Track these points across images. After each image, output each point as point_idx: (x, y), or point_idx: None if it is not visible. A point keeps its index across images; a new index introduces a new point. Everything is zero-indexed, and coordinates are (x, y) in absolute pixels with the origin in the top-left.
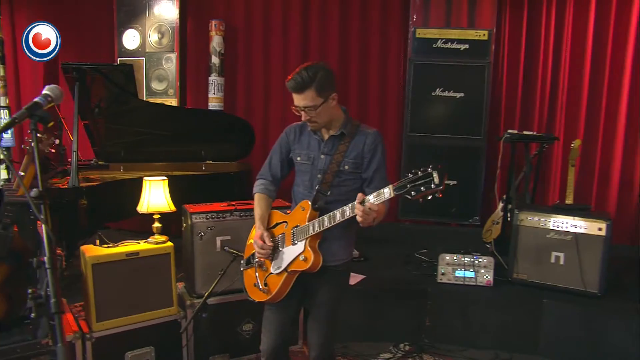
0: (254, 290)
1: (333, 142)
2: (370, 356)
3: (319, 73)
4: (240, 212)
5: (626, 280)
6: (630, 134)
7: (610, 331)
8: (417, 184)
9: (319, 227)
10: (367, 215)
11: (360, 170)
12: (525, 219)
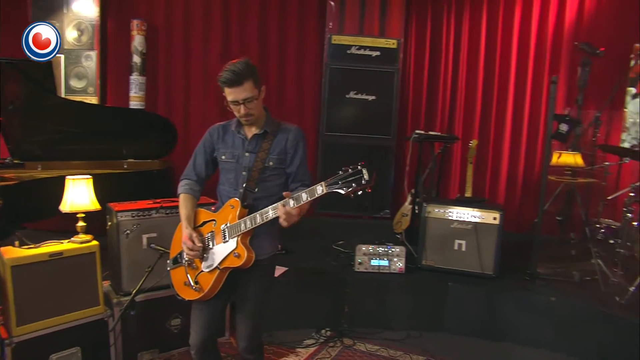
0: (184, 289)
1: (257, 140)
2: (295, 343)
3: (251, 66)
4: (166, 209)
5: (515, 262)
6: (515, 134)
7: (503, 306)
8: (348, 180)
9: (251, 224)
10: (290, 216)
11: (284, 165)
12: (432, 211)
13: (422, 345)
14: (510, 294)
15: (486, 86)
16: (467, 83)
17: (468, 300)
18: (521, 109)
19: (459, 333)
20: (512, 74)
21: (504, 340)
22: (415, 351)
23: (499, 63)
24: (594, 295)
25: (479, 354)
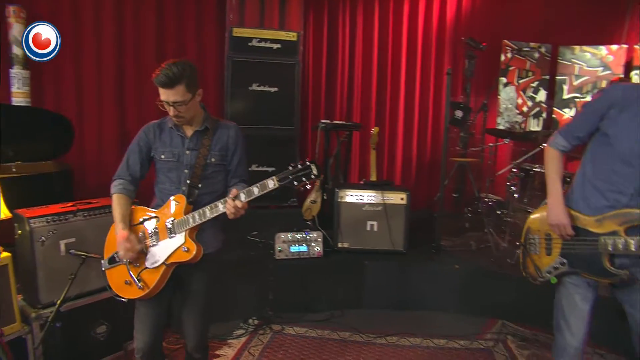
0: (124, 288)
1: (197, 138)
2: (225, 335)
3: (187, 69)
4: (83, 212)
5: (420, 237)
6: (408, 120)
7: (415, 278)
8: (298, 175)
9: (200, 218)
10: (238, 210)
11: (225, 162)
12: (344, 195)
13: (346, 322)
14: (420, 266)
15: (380, 76)
16: (363, 74)
17: (383, 276)
18: (412, 97)
19: (378, 307)
20: (403, 65)
21: (418, 309)
22: (340, 328)
23: (391, 55)
24: (489, 259)
25: (398, 324)
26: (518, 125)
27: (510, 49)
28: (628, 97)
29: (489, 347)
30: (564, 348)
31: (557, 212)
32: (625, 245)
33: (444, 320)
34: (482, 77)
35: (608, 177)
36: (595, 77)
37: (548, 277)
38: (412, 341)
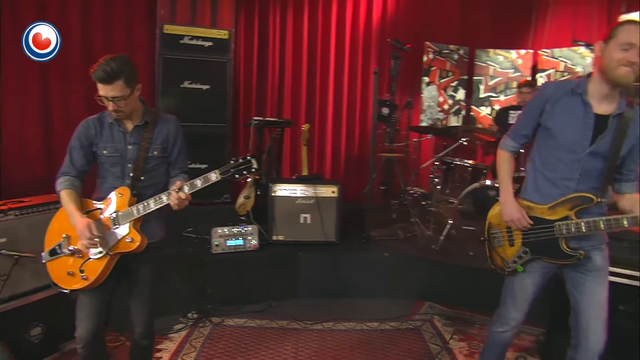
0: (66, 279)
1: (138, 132)
2: (165, 330)
3: (125, 65)
4: (15, 211)
5: (351, 229)
6: (337, 117)
7: (347, 267)
8: (240, 168)
9: (144, 210)
10: (182, 202)
11: (166, 154)
12: (278, 190)
13: (283, 312)
14: (352, 256)
15: (310, 74)
16: (293, 72)
17: (317, 266)
18: (340, 95)
19: (313, 296)
20: (332, 64)
21: (351, 296)
22: (278, 317)
23: (320, 54)
24: (416, 247)
25: (333, 310)
26: (440, 122)
27: (432, 50)
28: (558, 92)
29: (418, 327)
30: (507, 319)
31: (510, 208)
32: (577, 227)
33: (376, 305)
34: (407, 77)
35: (555, 166)
36: (507, 78)
37: (514, 267)
38: (346, 325)
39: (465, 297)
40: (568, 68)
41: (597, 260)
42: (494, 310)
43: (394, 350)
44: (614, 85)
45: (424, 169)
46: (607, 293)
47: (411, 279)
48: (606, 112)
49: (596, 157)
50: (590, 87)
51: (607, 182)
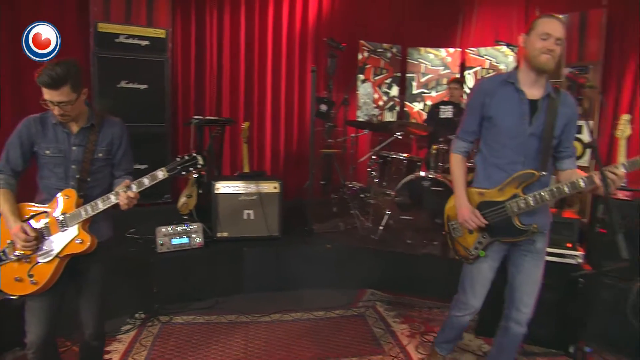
0: (15, 285)
1: (84, 134)
2: (113, 332)
3: (71, 70)
4: None
5: (293, 223)
6: (275, 115)
7: (291, 260)
8: (186, 165)
9: (92, 210)
10: (131, 200)
11: (111, 156)
12: (221, 188)
13: (231, 307)
14: (295, 249)
15: (248, 73)
16: (231, 70)
17: (262, 261)
18: (278, 93)
19: (260, 290)
20: (269, 62)
21: (297, 288)
22: (226, 312)
23: (258, 53)
24: (356, 238)
25: (280, 303)
26: (375, 118)
27: (367, 49)
28: (493, 85)
29: (362, 313)
30: (466, 305)
31: (463, 211)
32: (526, 202)
33: (321, 295)
34: (343, 74)
35: (501, 152)
36: (438, 75)
37: (477, 253)
38: (294, 316)
39: (404, 283)
40: (493, 65)
41: (538, 244)
42: (430, 293)
43: (341, 335)
44: (538, 72)
45: (361, 163)
46: (542, 272)
47: (353, 268)
48: (536, 97)
49: (535, 138)
50: (520, 76)
51: (546, 156)
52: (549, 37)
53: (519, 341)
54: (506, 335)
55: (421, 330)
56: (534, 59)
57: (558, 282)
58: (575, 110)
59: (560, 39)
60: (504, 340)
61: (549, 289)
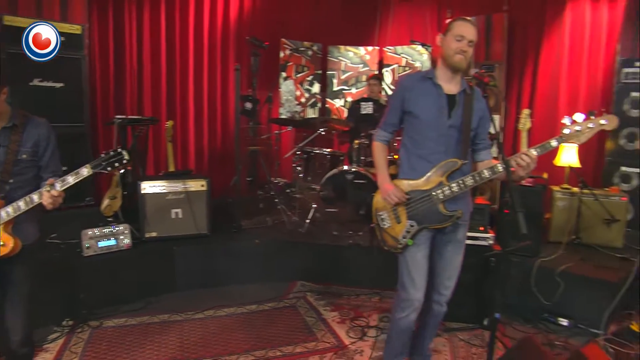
0: None
1: (5, 134)
2: (41, 341)
3: None
4: None
5: (221, 220)
6: (198, 113)
7: (221, 257)
8: (111, 161)
9: (14, 212)
10: (55, 199)
11: (37, 157)
12: (147, 188)
13: (163, 306)
14: (225, 246)
15: (169, 71)
16: (152, 68)
17: (192, 259)
18: (201, 91)
19: (191, 288)
20: (191, 61)
21: (228, 284)
22: (159, 312)
23: (179, 51)
24: (284, 232)
25: (212, 299)
26: (298, 114)
27: (288, 47)
28: (413, 81)
29: (293, 304)
30: (409, 302)
31: (385, 187)
32: (451, 189)
33: (253, 290)
34: (265, 72)
35: (424, 144)
36: (358, 72)
37: (405, 241)
38: (227, 311)
39: (332, 273)
40: (409, 63)
41: (459, 234)
42: (357, 281)
43: (275, 326)
44: (453, 70)
45: (286, 159)
46: (462, 259)
47: (283, 262)
48: (453, 92)
49: (454, 129)
50: (437, 73)
51: (465, 147)
52: (463, 38)
53: (440, 319)
54: (429, 314)
55: (351, 316)
56: (449, 58)
57: (473, 263)
58: (486, 106)
59: (472, 41)
60: (426, 319)
61: (466, 270)
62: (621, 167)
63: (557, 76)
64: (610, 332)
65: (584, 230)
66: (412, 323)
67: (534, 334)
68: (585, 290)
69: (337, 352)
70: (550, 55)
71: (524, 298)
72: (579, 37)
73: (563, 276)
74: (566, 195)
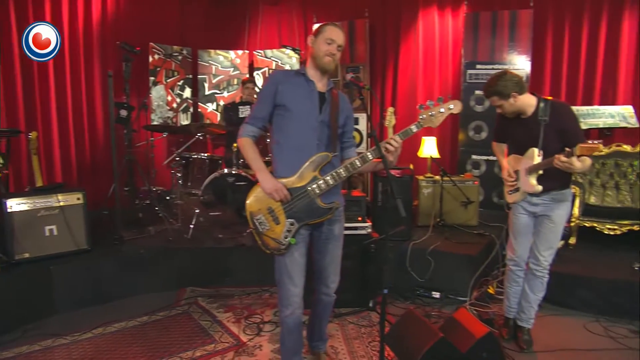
0: None
1: None
2: None
3: None
4: None
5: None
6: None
7: (104, 271)
8: None
9: None
10: None
11: None
12: (14, 205)
13: (45, 332)
14: (108, 259)
15: (26, 80)
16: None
17: (74, 277)
18: (64, 100)
19: (75, 307)
20: (50, 68)
21: (115, 298)
22: (40, 339)
23: None
24: (168, 239)
25: (100, 316)
26: (170, 120)
27: (157, 51)
28: (286, 75)
29: (186, 310)
30: (290, 298)
31: (269, 182)
32: (326, 182)
33: (142, 301)
34: (135, 78)
35: (297, 138)
36: (229, 76)
37: (288, 241)
38: (117, 326)
39: (221, 275)
40: (279, 66)
41: (336, 230)
42: (246, 281)
43: (170, 334)
44: (322, 71)
45: (164, 167)
46: (341, 252)
47: (170, 269)
48: (322, 90)
49: (325, 125)
50: (308, 71)
51: (335, 141)
52: (333, 42)
53: (330, 307)
54: (319, 305)
55: (245, 314)
56: (318, 59)
57: (355, 251)
58: (351, 107)
59: (341, 46)
60: (318, 310)
61: (349, 258)
62: (472, 156)
63: (414, 76)
64: (474, 297)
65: (446, 212)
66: (300, 320)
67: (414, 308)
68: (451, 265)
69: (237, 350)
70: (407, 58)
71: (402, 278)
72: (430, 42)
73: (432, 255)
74: (430, 183)
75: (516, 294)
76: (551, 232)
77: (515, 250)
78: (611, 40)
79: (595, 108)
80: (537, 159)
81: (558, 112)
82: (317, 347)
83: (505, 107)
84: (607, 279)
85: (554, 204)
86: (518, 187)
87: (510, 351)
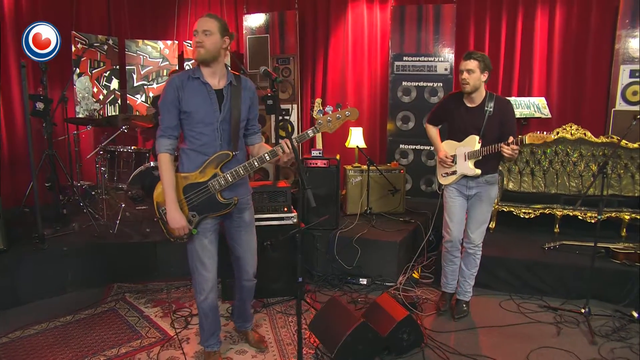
0: None
1: None
2: None
3: None
4: None
5: (20, 232)
6: None
7: (22, 272)
8: None
9: None
10: None
11: None
12: None
13: None
14: (27, 260)
15: None
16: None
17: None
18: None
19: None
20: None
21: (34, 300)
22: None
23: None
24: (94, 235)
25: (16, 320)
26: (97, 112)
27: (80, 41)
28: (182, 80)
29: (112, 307)
30: (204, 284)
31: (175, 217)
32: (225, 179)
33: (66, 301)
34: (56, 69)
35: (200, 139)
36: (158, 67)
37: (189, 231)
38: (38, 328)
39: (148, 270)
40: None
41: (246, 217)
42: (174, 274)
43: (95, 332)
44: (204, 64)
45: (88, 160)
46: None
47: (96, 266)
48: (220, 86)
49: (226, 123)
50: (202, 71)
51: (236, 138)
52: (196, 33)
53: (253, 290)
54: (242, 291)
55: (173, 308)
56: (195, 55)
57: (282, 241)
58: (255, 93)
59: (208, 30)
60: (242, 294)
61: (276, 248)
62: (400, 145)
63: (344, 68)
64: (400, 282)
65: (374, 201)
66: (214, 304)
67: (340, 295)
68: (378, 252)
69: (164, 344)
70: (337, 49)
71: (330, 266)
72: (359, 34)
73: (359, 242)
74: (357, 172)
75: (454, 272)
76: (482, 212)
77: (451, 231)
78: (527, 36)
79: (513, 99)
80: (477, 145)
81: (503, 107)
82: (244, 327)
83: (471, 78)
84: (520, 259)
85: (487, 186)
86: (455, 170)
87: (430, 331)
